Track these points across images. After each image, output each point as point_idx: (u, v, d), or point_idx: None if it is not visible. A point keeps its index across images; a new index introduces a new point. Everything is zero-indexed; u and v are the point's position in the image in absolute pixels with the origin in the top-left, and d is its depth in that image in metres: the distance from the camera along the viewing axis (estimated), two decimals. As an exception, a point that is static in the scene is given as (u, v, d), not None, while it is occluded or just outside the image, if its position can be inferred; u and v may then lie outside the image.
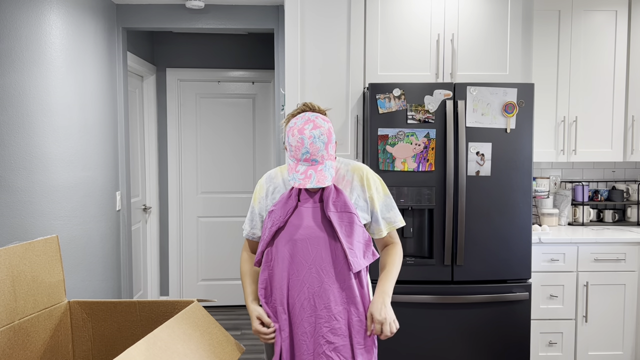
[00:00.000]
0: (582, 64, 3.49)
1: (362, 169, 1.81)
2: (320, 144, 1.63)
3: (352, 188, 1.77)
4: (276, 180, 1.83)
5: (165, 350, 1.42)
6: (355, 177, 1.78)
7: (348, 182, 1.78)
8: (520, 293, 2.88)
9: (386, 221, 1.82)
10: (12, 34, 2.43)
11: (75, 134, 2.98)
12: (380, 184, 1.83)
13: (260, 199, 1.84)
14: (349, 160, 1.85)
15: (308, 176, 1.62)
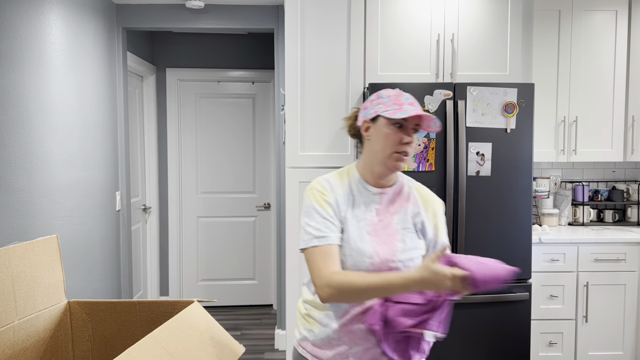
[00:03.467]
0: (582, 64, 3.48)
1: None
2: (411, 98, 1.50)
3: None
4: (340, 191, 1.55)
5: (165, 351, 1.42)
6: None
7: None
8: (520, 293, 2.87)
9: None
10: (12, 33, 2.43)
11: (75, 134, 2.98)
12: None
13: (333, 202, 1.52)
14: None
15: (418, 111, 1.45)
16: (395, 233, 1.52)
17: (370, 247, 1.49)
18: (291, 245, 3.09)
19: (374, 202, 1.54)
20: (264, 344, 3.98)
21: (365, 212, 1.53)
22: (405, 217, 1.54)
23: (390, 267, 1.49)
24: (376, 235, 1.51)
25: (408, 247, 1.51)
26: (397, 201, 1.56)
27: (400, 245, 1.50)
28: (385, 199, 1.55)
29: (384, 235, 1.51)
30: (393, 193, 1.57)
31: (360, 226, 1.51)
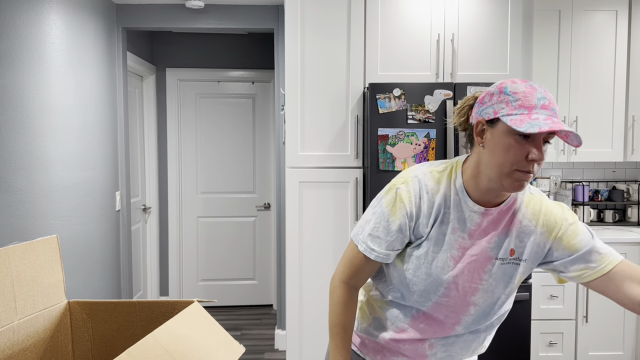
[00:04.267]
0: (583, 64, 3.48)
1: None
2: (549, 95, 1.13)
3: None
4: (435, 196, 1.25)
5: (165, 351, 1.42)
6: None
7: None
8: (520, 293, 2.87)
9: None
10: (12, 33, 2.43)
11: (75, 134, 2.98)
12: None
13: (409, 216, 1.25)
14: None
15: (556, 123, 1.07)
16: (486, 262, 1.23)
17: (450, 276, 1.23)
18: (291, 245, 3.09)
19: (471, 222, 1.22)
20: (264, 344, 3.98)
21: (456, 233, 1.23)
22: (503, 243, 1.23)
23: (468, 303, 1.25)
24: (462, 263, 1.23)
25: (496, 281, 1.24)
26: (499, 221, 1.22)
27: (484, 278, 1.23)
28: (487, 220, 1.22)
29: (473, 262, 1.23)
30: (499, 214, 1.22)
31: (444, 249, 1.23)
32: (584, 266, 1.20)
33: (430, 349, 1.33)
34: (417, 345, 1.33)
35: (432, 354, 1.34)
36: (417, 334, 1.31)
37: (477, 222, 1.21)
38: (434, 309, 1.28)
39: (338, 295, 1.33)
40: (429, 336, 1.31)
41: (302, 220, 3.07)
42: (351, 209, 3.08)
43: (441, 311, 1.27)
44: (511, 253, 1.23)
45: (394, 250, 1.27)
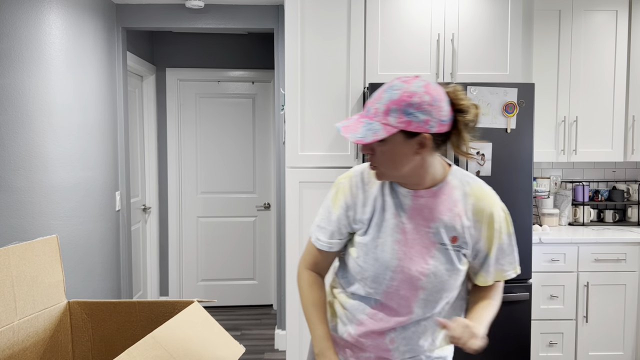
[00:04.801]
0: (583, 64, 3.48)
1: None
2: (386, 94, 1.21)
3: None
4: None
5: (165, 351, 1.42)
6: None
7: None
8: (520, 293, 2.87)
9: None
10: (12, 33, 2.43)
11: (75, 134, 2.98)
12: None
13: (350, 205, 1.40)
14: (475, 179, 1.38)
15: (348, 119, 1.26)
16: (430, 246, 1.30)
17: (396, 260, 1.31)
18: (291, 245, 3.09)
19: (404, 206, 1.31)
20: (264, 344, 3.98)
21: (396, 218, 1.31)
22: (445, 229, 1.31)
23: (416, 286, 1.32)
24: (406, 246, 1.31)
25: (444, 267, 1.31)
26: (436, 207, 1.30)
27: (432, 263, 1.30)
28: (421, 202, 1.31)
29: (417, 246, 1.31)
30: (431, 195, 1.31)
31: (387, 234, 1.32)
32: (483, 270, 1.36)
33: (391, 343, 1.38)
34: (378, 340, 1.39)
35: (395, 348, 1.39)
36: (376, 324, 1.37)
37: (411, 204, 1.31)
38: (387, 296, 1.35)
39: (303, 279, 1.45)
40: (386, 327, 1.37)
41: (302, 220, 3.07)
42: (351, 209, 3.07)
43: (393, 299, 1.34)
44: (453, 240, 1.31)
45: (335, 239, 1.40)
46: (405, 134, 1.21)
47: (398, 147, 1.22)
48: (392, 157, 1.23)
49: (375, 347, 1.40)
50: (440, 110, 1.22)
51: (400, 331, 1.37)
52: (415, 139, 1.22)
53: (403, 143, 1.22)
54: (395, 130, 1.19)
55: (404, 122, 1.19)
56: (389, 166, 1.25)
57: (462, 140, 1.29)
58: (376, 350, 1.40)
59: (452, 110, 1.26)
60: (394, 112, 1.19)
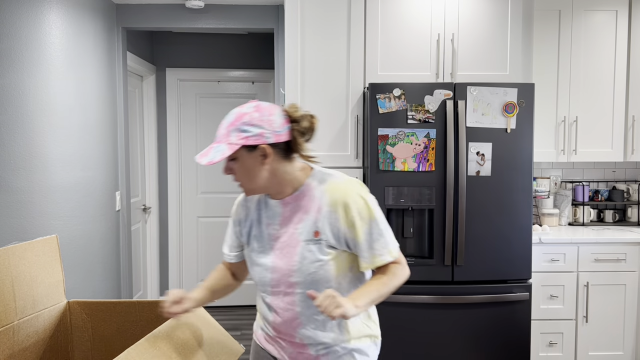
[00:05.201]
0: (583, 64, 3.48)
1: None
2: (226, 120, 1.42)
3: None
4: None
5: (164, 351, 1.42)
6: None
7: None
8: (520, 293, 2.87)
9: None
10: (12, 33, 2.43)
11: (75, 134, 2.98)
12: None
13: (236, 221, 1.65)
14: (332, 174, 1.52)
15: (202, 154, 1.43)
16: (296, 245, 1.45)
17: (271, 261, 1.47)
18: (291, 245, 3.08)
19: (277, 215, 1.49)
20: (264, 344, 3.97)
21: (269, 226, 1.50)
22: (308, 227, 1.45)
23: (290, 283, 1.46)
24: (276, 248, 1.47)
25: (308, 260, 1.43)
26: (301, 209, 1.46)
27: (297, 259, 1.44)
28: (289, 209, 1.48)
29: (287, 248, 1.46)
30: (295, 200, 1.48)
31: (265, 241, 1.50)
32: (360, 256, 1.46)
33: (300, 340, 1.51)
34: (288, 336, 1.52)
35: (307, 343, 1.50)
36: (279, 323, 1.52)
37: (281, 212, 1.48)
38: (273, 298, 1.51)
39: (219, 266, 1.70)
40: (288, 324, 1.50)
41: (302, 220, 3.07)
42: (351, 209, 3.07)
43: (279, 298, 1.49)
44: (315, 234, 1.44)
45: (233, 252, 1.63)
46: (247, 148, 1.39)
47: (246, 161, 1.40)
48: (246, 171, 1.41)
49: (291, 344, 1.53)
50: (271, 123, 1.39)
51: (302, 327, 1.49)
52: (257, 151, 1.39)
53: (248, 156, 1.40)
54: (237, 146, 1.37)
55: (242, 138, 1.37)
56: (246, 180, 1.43)
57: (299, 146, 1.44)
58: (294, 346, 1.53)
59: (288, 122, 1.43)
60: (233, 132, 1.38)
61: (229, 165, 1.43)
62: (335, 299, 1.30)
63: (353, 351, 1.53)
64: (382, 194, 2.84)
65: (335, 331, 1.50)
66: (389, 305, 2.85)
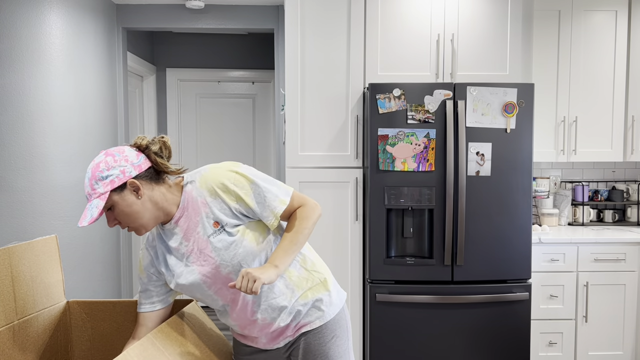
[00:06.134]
0: (582, 64, 3.48)
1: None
2: (86, 179, 1.43)
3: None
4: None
5: (163, 351, 1.42)
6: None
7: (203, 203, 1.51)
8: (520, 293, 2.87)
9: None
10: (12, 34, 2.43)
11: (75, 134, 2.98)
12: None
13: (148, 264, 1.63)
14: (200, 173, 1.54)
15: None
16: (206, 245, 1.48)
17: (199, 273, 1.49)
18: (291, 245, 3.08)
19: (177, 234, 1.51)
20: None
21: (179, 248, 1.51)
22: (205, 224, 1.48)
23: (224, 277, 1.49)
24: (197, 259, 1.49)
25: (223, 249, 1.47)
26: (191, 216, 1.49)
27: (214, 255, 1.47)
28: (183, 222, 1.50)
29: (201, 252, 1.48)
30: (183, 212, 1.50)
31: (183, 261, 1.51)
32: (263, 219, 1.50)
33: (254, 311, 1.54)
34: (253, 327, 1.56)
35: (260, 314, 1.54)
36: (236, 317, 1.55)
37: (178, 230, 1.51)
38: (221, 298, 1.53)
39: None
40: (244, 322, 1.55)
41: (302, 220, 3.07)
42: (351, 209, 3.08)
43: (226, 295, 1.52)
44: (215, 225, 1.48)
45: (157, 293, 1.59)
46: (117, 191, 1.41)
47: (122, 203, 1.42)
48: (128, 213, 1.43)
49: (262, 332, 1.56)
50: (125, 159, 1.43)
51: (257, 306, 1.52)
52: (127, 189, 1.42)
53: (122, 198, 1.42)
54: (107, 194, 1.40)
55: (107, 184, 1.40)
56: (133, 220, 1.45)
57: (162, 166, 1.48)
58: (263, 332, 1.57)
59: (140, 152, 1.48)
60: (96, 183, 1.40)
61: (110, 216, 1.45)
62: (249, 274, 1.34)
63: (316, 302, 1.57)
64: (382, 194, 2.84)
65: (284, 292, 1.53)
66: (388, 305, 2.86)
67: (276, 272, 1.40)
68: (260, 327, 1.55)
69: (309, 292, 1.56)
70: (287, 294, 1.53)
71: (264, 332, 1.56)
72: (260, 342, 1.60)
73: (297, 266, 1.57)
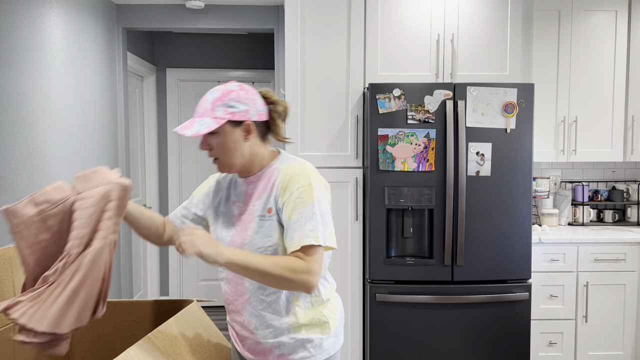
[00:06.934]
0: (582, 64, 3.48)
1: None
2: (210, 96, 1.45)
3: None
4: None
5: (163, 351, 1.42)
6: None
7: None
8: (520, 293, 2.87)
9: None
10: (12, 34, 2.43)
11: (75, 134, 2.98)
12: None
13: (203, 193, 1.73)
14: (293, 159, 1.56)
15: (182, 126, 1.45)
16: (251, 221, 1.49)
17: (230, 236, 1.51)
18: (291, 245, 3.09)
19: (242, 193, 1.55)
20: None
21: (234, 203, 1.55)
22: (263, 204, 1.48)
23: None
24: (237, 224, 1.52)
25: (259, 235, 1.46)
26: (260, 187, 1.51)
27: (250, 234, 1.47)
28: (251, 187, 1.53)
29: (244, 223, 1.50)
30: (257, 179, 1.53)
31: (226, 216, 1.55)
32: (288, 234, 1.44)
33: (249, 323, 1.52)
34: (239, 319, 1.54)
35: (254, 327, 1.51)
36: (229, 291, 1.54)
37: (245, 190, 1.54)
38: (228, 272, 1.53)
39: None
40: (239, 302, 1.52)
41: (302, 220, 3.07)
42: (351, 209, 3.08)
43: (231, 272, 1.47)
44: (268, 211, 1.47)
45: (189, 218, 1.66)
46: (232, 124, 1.44)
47: (229, 136, 1.44)
48: (226, 146, 1.45)
49: (242, 327, 1.54)
50: (255, 102, 1.47)
51: (250, 304, 1.50)
52: (241, 127, 1.45)
53: (232, 132, 1.44)
54: (223, 120, 1.42)
55: (229, 113, 1.43)
56: (226, 155, 1.46)
57: (277, 127, 1.53)
58: (246, 331, 1.53)
59: (266, 104, 1.51)
60: (219, 106, 1.42)
61: (208, 140, 1.46)
62: (195, 237, 1.30)
63: (305, 342, 1.50)
64: (382, 194, 2.85)
65: (282, 314, 1.48)
66: (388, 305, 2.86)
67: (215, 257, 1.30)
68: (244, 328, 1.53)
69: (304, 329, 1.50)
70: (282, 317, 1.48)
71: (246, 332, 1.53)
72: (247, 345, 1.55)
73: (308, 299, 1.51)
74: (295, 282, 1.37)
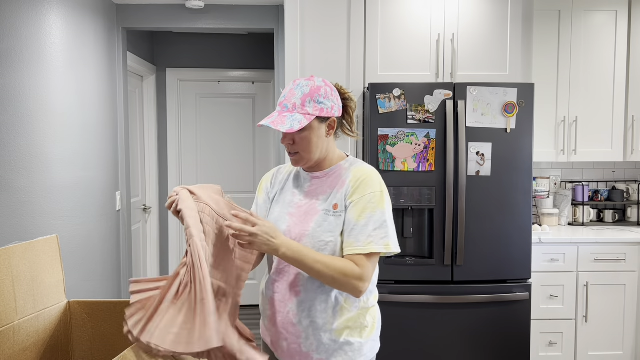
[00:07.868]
0: (582, 64, 3.48)
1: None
2: (298, 91, 1.47)
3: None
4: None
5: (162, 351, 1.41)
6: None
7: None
8: (520, 293, 2.87)
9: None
10: (12, 33, 2.43)
11: (75, 134, 2.98)
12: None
13: (265, 187, 1.75)
14: (361, 163, 1.59)
15: (270, 119, 1.47)
16: (314, 214, 1.51)
17: (286, 225, 1.53)
18: (291, 245, 3.08)
19: (304, 187, 1.58)
20: (264, 344, 3.98)
21: (294, 195, 1.58)
22: (329, 200, 1.51)
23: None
24: (296, 216, 1.54)
25: (322, 229, 1.48)
26: (327, 185, 1.54)
27: (312, 226, 1.49)
28: (316, 183, 1.56)
29: (304, 215, 1.52)
30: (324, 176, 1.56)
31: (284, 206, 1.58)
32: (352, 237, 1.46)
33: (294, 316, 1.51)
34: (282, 316, 1.53)
35: (298, 321, 1.51)
36: (278, 280, 1.54)
37: (309, 184, 1.57)
38: (279, 262, 1.52)
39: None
40: (282, 292, 1.52)
41: (302, 220, 3.07)
42: (351, 209, 3.08)
43: (283, 262, 1.50)
44: (334, 207, 1.50)
45: (257, 208, 1.69)
46: (319, 120, 1.48)
47: (315, 132, 1.48)
48: (311, 142, 1.49)
49: (283, 321, 1.53)
50: (337, 98, 1.52)
51: (299, 296, 1.50)
52: (326, 123, 1.50)
53: (318, 128, 1.49)
54: (313, 117, 1.46)
55: (318, 109, 1.46)
56: (307, 150, 1.49)
57: (351, 122, 1.58)
58: (285, 325, 1.53)
59: (340, 99, 1.55)
60: (309, 103, 1.46)
61: (292, 135, 1.49)
62: (254, 238, 1.36)
63: (344, 345, 1.52)
64: (382, 194, 2.84)
65: (327, 311, 1.50)
66: (388, 305, 2.85)
67: (278, 251, 1.39)
68: (284, 321, 1.53)
69: (347, 332, 1.52)
70: (328, 314, 1.50)
71: (284, 326, 1.54)
72: (279, 346, 1.57)
73: (357, 304, 1.53)
74: (346, 286, 1.43)
